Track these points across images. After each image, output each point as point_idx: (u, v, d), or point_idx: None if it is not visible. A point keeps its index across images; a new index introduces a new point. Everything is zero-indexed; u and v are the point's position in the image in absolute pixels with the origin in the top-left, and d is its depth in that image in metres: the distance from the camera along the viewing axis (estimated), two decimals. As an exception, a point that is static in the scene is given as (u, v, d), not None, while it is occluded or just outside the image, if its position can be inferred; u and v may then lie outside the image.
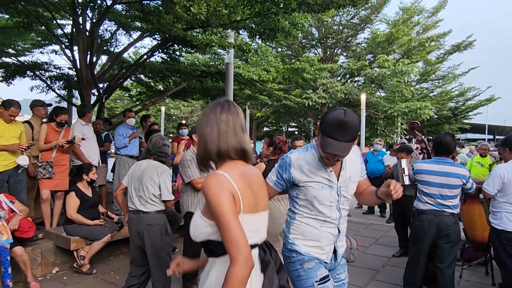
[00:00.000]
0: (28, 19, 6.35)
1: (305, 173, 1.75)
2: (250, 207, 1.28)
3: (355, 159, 1.85)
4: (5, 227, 2.35)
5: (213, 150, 1.31)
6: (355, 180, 1.86)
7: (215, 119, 1.33)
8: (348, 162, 1.82)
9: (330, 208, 1.77)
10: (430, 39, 19.59)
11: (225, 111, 1.34)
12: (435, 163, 3.24)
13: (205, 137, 1.33)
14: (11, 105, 4.08)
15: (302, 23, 7.37)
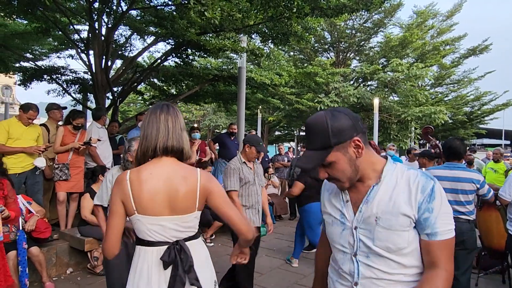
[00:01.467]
0: (46, 25, 6.51)
1: (324, 200, 1.38)
2: (149, 209, 1.44)
3: (402, 189, 1.17)
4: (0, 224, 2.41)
5: (151, 147, 1.47)
6: (390, 225, 1.15)
7: (155, 120, 1.49)
8: (382, 192, 1.19)
9: (343, 255, 1.27)
10: (444, 43, 19.33)
11: (164, 112, 1.51)
12: (446, 169, 3.19)
13: (145, 136, 1.49)
14: (29, 108, 4.19)
15: (314, 27, 7.38)
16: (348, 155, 1.17)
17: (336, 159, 1.18)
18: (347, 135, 1.16)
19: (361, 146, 1.17)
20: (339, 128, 1.15)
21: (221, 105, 12.05)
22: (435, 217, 1.13)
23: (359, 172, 1.20)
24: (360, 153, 1.17)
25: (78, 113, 4.67)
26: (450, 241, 1.15)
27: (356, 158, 1.18)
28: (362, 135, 1.18)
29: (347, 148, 1.17)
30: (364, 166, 1.20)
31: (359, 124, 1.19)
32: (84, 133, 4.70)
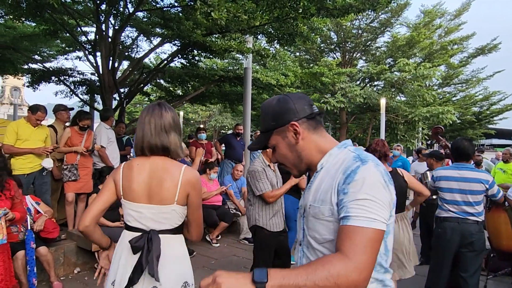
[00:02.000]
0: (54, 27, 6.59)
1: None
2: (131, 196, 1.58)
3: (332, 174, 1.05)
4: (2, 227, 2.43)
5: (138, 147, 1.61)
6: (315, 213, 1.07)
7: (141, 122, 1.63)
8: (318, 179, 1.11)
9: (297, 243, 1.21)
10: (452, 42, 19.15)
11: (148, 114, 1.62)
12: (455, 169, 3.16)
13: (136, 137, 1.64)
14: (38, 109, 4.23)
15: (320, 28, 7.36)
16: (287, 140, 1.13)
17: (276, 143, 1.16)
18: (285, 119, 1.12)
19: (298, 131, 1.11)
20: (279, 111, 1.13)
21: (227, 106, 12.08)
22: (349, 201, 0.95)
23: (303, 159, 1.14)
24: (297, 138, 1.12)
25: (85, 114, 4.70)
26: (366, 231, 0.91)
27: (296, 143, 1.12)
28: (306, 121, 1.12)
29: (286, 132, 1.13)
30: (308, 153, 1.13)
31: (305, 109, 1.12)
32: (90, 134, 4.73)
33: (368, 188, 0.95)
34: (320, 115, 1.16)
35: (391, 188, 1.01)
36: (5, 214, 2.47)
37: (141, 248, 1.54)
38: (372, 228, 0.92)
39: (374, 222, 0.92)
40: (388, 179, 1.01)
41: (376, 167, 0.99)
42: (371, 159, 1.02)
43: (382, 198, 0.95)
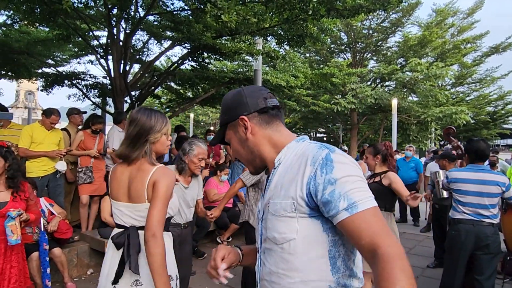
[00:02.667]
0: (67, 32, 6.70)
1: None
2: (114, 195, 1.73)
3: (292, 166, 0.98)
4: (17, 227, 2.48)
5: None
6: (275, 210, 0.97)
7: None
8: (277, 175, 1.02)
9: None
10: (465, 41, 18.82)
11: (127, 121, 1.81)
12: (471, 171, 3.10)
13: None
14: (51, 113, 4.32)
15: (330, 29, 7.32)
16: (238, 135, 1.09)
17: (229, 138, 1.13)
18: (236, 113, 1.07)
19: (246, 126, 1.05)
20: (231, 105, 1.09)
21: (237, 108, 12.07)
22: (343, 187, 0.87)
23: (256, 155, 1.08)
24: (245, 133, 1.06)
25: (97, 118, 4.78)
26: (376, 210, 0.86)
27: (246, 139, 1.07)
28: (258, 115, 1.06)
29: (237, 127, 1.08)
30: (261, 149, 1.07)
31: (256, 103, 1.06)
32: (102, 137, 4.81)
33: (353, 170, 0.91)
34: (275, 109, 1.08)
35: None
36: (20, 215, 2.52)
37: (122, 244, 1.66)
38: (377, 206, 0.88)
39: (373, 199, 0.89)
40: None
41: (338, 150, 0.95)
42: (327, 147, 0.96)
43: (362, 176, 0.92)
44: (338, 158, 0.91)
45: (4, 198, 2.55)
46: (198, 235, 4.84)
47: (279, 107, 1.10)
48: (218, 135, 1.17)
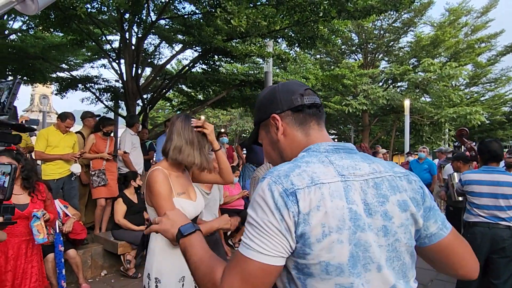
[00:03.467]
0: (81, 37, 6.83)
1: None
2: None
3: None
4: (42, 227, 2.54)
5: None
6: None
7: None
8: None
9: None
10: (480, 41, 18.50)
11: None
12: (484, 172, 3.05)
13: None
14: (67, 117, 4.41)
15: (341, 30, 7.28)
16: (270, 136, 0.97)
17: (261, 138, 1.01)
18: (268, 111, 0.95)
19: (277, 126, 0.94)
20: (263, 102, 0.98)
21: (247, 110, 12.13)
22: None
23: (285, 159, 0.94)
24: (276, 134, 0.95)
25: (108, 120, 4.86)
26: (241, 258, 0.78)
27: (277, 140, 0.95)
28: (291, 114, 0.94)
29: (269, 126, 0.97)
30: (289, 153, 0.94)
31: (290, 100, 0.93)
32: (113, 139, 4.89)
33: (253, 210, 0.78)
34: (313, 107, 0.95)
35: (285, 213, 0.75)
36: (44, 214, 2.59)
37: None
38: (245, 257, 0.76)
39: (249, 251, 0.76)
40: (290, 202, 0.76)
41: (270, 185, 0.78)
42: (273, 174, 0.81)
43: (262, 223, 0.76)
44: (256, 192, 0.80)
45: (25, 201, 2.61)
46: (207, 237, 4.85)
47: (318, 105, 0.96)
48: (252, 135, 1.06)
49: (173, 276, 1.71)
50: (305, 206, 0.75)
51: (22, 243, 2.56)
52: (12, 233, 2.51)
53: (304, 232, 0.75)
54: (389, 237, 0.82)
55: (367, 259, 0.79)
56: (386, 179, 0.87)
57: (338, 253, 0.76)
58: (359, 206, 0.80)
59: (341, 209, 0.77)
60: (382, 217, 0.82)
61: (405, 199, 0.86)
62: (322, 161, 0.84)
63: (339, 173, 0.82)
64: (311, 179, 0.78)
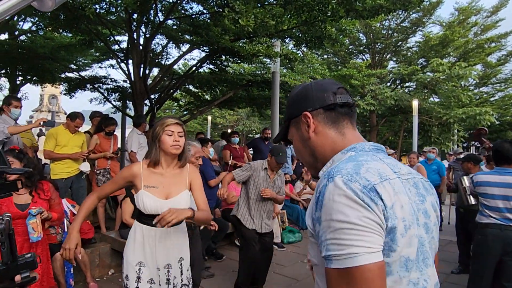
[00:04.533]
0: (89, 37, 6.88)
1: None
2: None
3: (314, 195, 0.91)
4: (37, 225, 2.54)
5: None
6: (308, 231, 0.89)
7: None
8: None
9: None
10: (489, 40, 18.26)
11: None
12: (496, 174, 3.00)
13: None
14: (76, 117, 4.44)
15: (349, 30, 7.23)
16: (300, 133, 0.98)
17: (292, 135, 1.02)
18: (300, 108, 0.96)
19: (309, 124, 0.94)
20: (296, 99, 0.98)
21: (254, 110, 12.11)
22: (323, 233, 0.75)
23: (318, 157, 0.95)
24: (307, 131, 0.95)
25: (109, 119, 4.90)
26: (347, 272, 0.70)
27: (308, 138, 0.95)
28: (323, 112, 0.93)
29: (300, 124, 0.97)
30: (322, 151, 0.94)
31: (323, 98, 0.93)
32: (116, 138, 4.93)
33: (337, 213, 0.72)
34: (346, 107, 0.94)
35: (374, 207, 0.72)
36: (40, 212, 2.58)
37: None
38: (352, 268, 0.69)
39: (356, 258, 0.69)
40: (374, 196, 0.73)
41: (345, 183, 0.74)
42: (342, 173, 0.77)
43: (357, 220, 0.71)
44: (329, 193, 0.75)
45: (27, 200, 2.62)
46: (217, 237, 4.85)
47: (351, 104, 0.96)
48: (281, 131, 1.06)
49: (132, 258, 1.95)
50: (388, 199, 0.74)
51: (24, 242, 2.57)
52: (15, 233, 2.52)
53: (393, 226, 0.73)
54: (429, 234, 0.84)
55: (425, 253, 0.80)
56: (420, 180, 0.89)
57: (413, 246, 0.76)
58: (413, 203, 0.81)
59: (408, 204, 0.78)
60: (423, 214, 0.83)
61: (434, 200, 0.90)
62: (376, 160, 0.83)
63: (392, 170, 0.82)
64: (379, 174, 0.77)
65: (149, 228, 1.94)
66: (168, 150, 1.92)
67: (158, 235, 1.95)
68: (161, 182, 1.95)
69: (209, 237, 4.48)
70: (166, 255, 1.95)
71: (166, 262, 1.95)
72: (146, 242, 1.94)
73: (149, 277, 1.91)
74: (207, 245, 4.43)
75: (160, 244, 1.94)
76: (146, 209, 1.90)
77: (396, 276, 0.75)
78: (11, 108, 3.90)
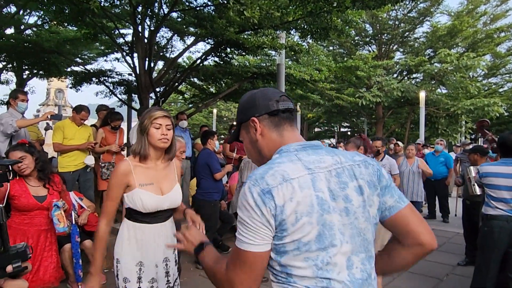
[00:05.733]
0: (94, 30, 6.89)
1: None
2: None
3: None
4: (62, 216, 2.60)
5: None
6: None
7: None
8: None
9: None
10: (499, 30, 17.93)
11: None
12: (503, 165, 2.98)
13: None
14: (82, 109, 4.47)
15: (355, 20, 7.14)
16: (249, 135, 1.14)
17: (243, 137, 1.19)
18: (248, 114, 1.12)
19: (256, 128, 1.10)
20: (244, 106, 1.15)
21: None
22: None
23: (264, 157, 1.12)
24: (255, 134, 1.11)
25: (115, 114, 4.92)
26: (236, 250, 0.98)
27: (256, 140, 1.12)
28: (268, 117, 1.09)
29: (248, 127, 1.13)
30: (267, 152, 1.11)
31: (267, 105, 1.09)
32: (122, 132, 4.95)
33: (240, 210, 0.97)
34: (287, 112, 1.11)
35: (264, 209, 0.92)
36: (63, 204, 2.65)
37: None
38: (240, 249, 0.96)
39: (242, 244, 0.95)
40: (267, 199, 0.92)
41: (250, 187, 0.96)
42: (251, 178, 0.97)
43: (248, 220, 0.94)
44: (241, 194, 0.98)
45: (43, 192, 2.66)
46: (222, 230, 4.88)
47: (291, 110, 1.12)
48: (234, 134, 1.23)
49: (130, 259, 1.87)
50: (280, 200, 0.92)
51: (41, 232, 2.63)
52: (31, 223, 2.57)
53: (281, 220, 0.92)
54: (350, 217, 0.99)
55: (332, 236, 0.95)
56: (346, 168, 1.03)
57: (308, 232, 0.93)
58: (325, 193, 0.97)
59: (310, 196, 0.94)
60: (343, 200, 0.99)
61: (361, 184, 1.02)
62: (292, 160, 1.00)
63: (306, 167, 0.98)
64: (282, 177, 0.95)
65: (149, 226, 1.88)
66: (156, 144, 1.84)
67: (157, 232, 1.90)
68: (154, 177, 1.88)
69: (215, 230, 4.51)
70: (164, 250, 1.91)
71: (164, 256, 1.92)
72: (144, 241, 1.87)
73: (150, 276, 1.87)
74: (213, 238, 4.46)
75: (160, 239, 1.89)
76: (146, 208, 1.82)
77: (290, 255, 0.95)
78: (17, 102, 3.93)
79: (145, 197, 1.80)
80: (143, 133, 1.84)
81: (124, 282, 1.84)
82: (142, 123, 1.84)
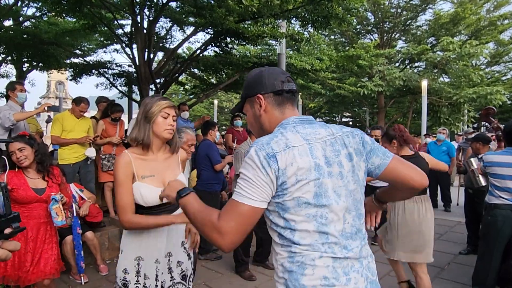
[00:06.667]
0: (93, 21, 6.82)
1: None
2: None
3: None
4: (61, 209, 2.58)
5: None
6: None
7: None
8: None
9: None
10: (502, 17, 17.67)
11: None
12: (508, 154, 2.94)
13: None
14: (81, 101, 4.44)
15: (357, 8, 7.03)
16: (253, 110, 1.25)
17: (246, 111, 1.30)
18: (254, 91, 1.22)
19: (261, 104, 1.21)
20: (252, 83, 1.24)
21: (261, 93, 12.03)
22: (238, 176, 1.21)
23: (264, 131, 1.23)
24: (259, 110, 1.22)
25: (116, 106, 4.87)
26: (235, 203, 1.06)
27: (260, 115, 1.23)
28: (273, 96, 1.20)
29: (253, 103, 1.24)
30: (268, 126, 1.23)
31: (273, 84, 1.20)
32: (122, 123, 4.92)
33: (245, 169, 1.08)
34: (290, 93, 1.22)
35: (268, 170, 1.04)
36: (62, 198, 2.64)
37: None
38: (239, 202, 1.05)
39: (242, 198, 1.05)
40: (272, 162, 1.04)
41: (256, 151, 1.07)
42: (258, 143, 1.09)
43: (253, 177, 1.05)
44: (247, 155, 1.09)
45: (42, 185, 2.65)
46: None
47: (294, 91, 1.24)
48: (238, 106, 1.33)
49: (130, 252, 1.81)
50: (282, 164, 1.05)
51: (41, 225, 2.62)
52: (30, 216, 2.56)
53: (283, 181, 1.05)
54: (344, 180, 1.13)
55: (328, 196, 1.09)
56: (338, 138, 1.17)
57: (305, 192, 1.06)
58: (321, 160, 1.10)
59: (309, 162, 1.07)
60: (338, 165, 1.13)
61: (350, 151, 1.17)
62: (291, 131, 1.13)
63: (304, 138, 1.11)
64: (285, 144, 1.08)
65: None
66: (161, 134, 1.77)
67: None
68: (155, 169, 1.79)
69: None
70: (166, 244, 1.84)
71: (167, 251, 1.85)
72: (145, 236, 1.80)
73: (149, 272, 1.81)
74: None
75: (163, 234, 1.82)
76: (147, 202, 1.74)
77: (292, 210, 1.08)
78: (16, 93, 3.90)
79: (145, 190, 1.73)
80: (148, 122, 1.75)
81: (124, 273, 1.80)
82: (149, 110, 1.75)
